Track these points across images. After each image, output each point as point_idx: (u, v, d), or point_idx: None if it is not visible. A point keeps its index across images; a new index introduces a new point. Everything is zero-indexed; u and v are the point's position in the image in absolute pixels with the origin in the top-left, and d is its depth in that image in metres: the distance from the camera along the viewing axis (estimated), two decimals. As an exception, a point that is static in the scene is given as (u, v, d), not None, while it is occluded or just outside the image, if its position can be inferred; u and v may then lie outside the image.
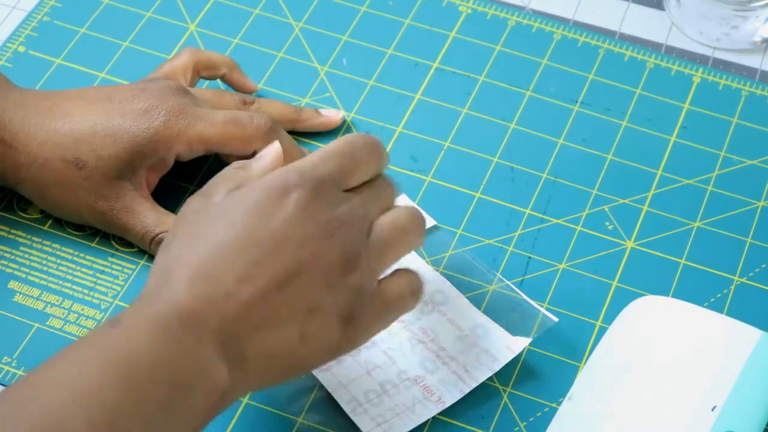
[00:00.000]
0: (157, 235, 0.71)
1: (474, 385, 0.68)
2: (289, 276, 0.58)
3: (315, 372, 0.67)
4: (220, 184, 0.62)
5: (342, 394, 0.67)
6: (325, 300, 0.59)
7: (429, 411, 0.67)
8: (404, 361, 0.68)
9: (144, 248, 0.73)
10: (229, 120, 0.72)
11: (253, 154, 0.70)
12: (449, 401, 0.67)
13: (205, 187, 0.63)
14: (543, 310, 0.70)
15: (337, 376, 0.68)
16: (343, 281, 0.60)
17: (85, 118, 0.71)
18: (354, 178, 0.63)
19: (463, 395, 0.67)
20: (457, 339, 0.69)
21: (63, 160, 0.71)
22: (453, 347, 0.69)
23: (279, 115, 0.77)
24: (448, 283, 0.72)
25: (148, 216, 0.72)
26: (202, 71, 0.78)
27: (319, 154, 0.62)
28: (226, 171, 0.64)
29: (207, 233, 0.59)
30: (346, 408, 0.67)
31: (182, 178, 0.76)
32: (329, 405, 0.67)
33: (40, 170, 0.71)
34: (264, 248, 0.58)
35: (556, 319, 0.70)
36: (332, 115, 0.79)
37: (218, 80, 0.80)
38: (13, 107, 0.72)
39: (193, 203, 0.62)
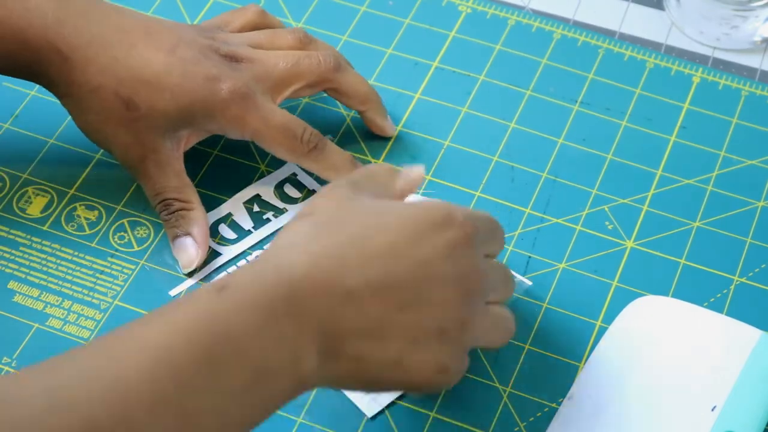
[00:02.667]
0: (166, 199, 0.72)
1: None
2: (414, 302, 0.58)
3: None
4: (367, 182, 0.62)
5: None
6: (431, 342, 0.59)
7: None
8: None
9: (151, 204, 0.73)
10: (285, 128, 0.72)
11: None
12: None
13: (353, 178, 0.62)
14: (515, 273, 0.71)
15: None
16: (452, 335, 0.60)
17: (149, 62, 0.70)
18: (491, 249, 0.63)
19: None
20: None
21: (117, 95, 0.70)
22: None
23: (363, 90, 0.77)
24: None
25: (171, 180, 0.72)
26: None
27: (471, 211, 0.62)
28: (375, 169, 0.64)
29: (352, 224, 0.58)
30: None
31: (182, 177, 0.76)
32: (329, 405, 0.67)
33: (90, 94, 0.70)
34: (404, 265, 0.58)
35: (529, 283, 0.71)
36: (389, 126, 0.79)
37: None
38: (74, 17, 0.70)
39: (343, 189, 0.61)
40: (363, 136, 0.79)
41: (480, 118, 0.81)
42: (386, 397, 0.67)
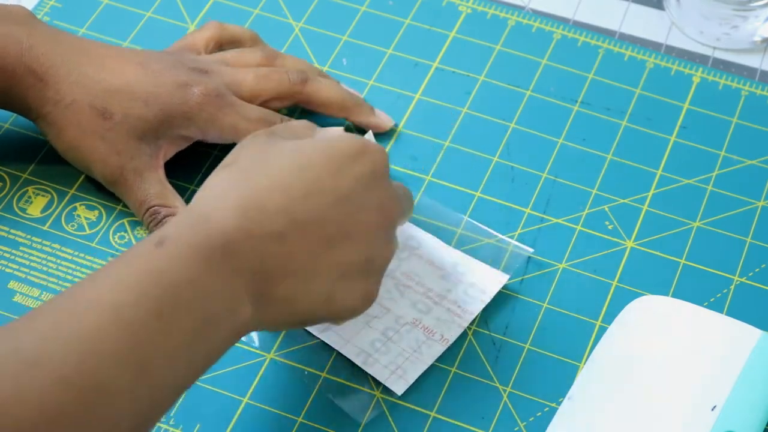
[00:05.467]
0: (153, 206, 0.72)
1: (470, 318, 0.70)
2: (340, 236, 0.59)
3: (319, 334, 0.69)
4: (284, 131, 0.63)
5: (350, 349, 0.68)
6: (359, 274, 0.61)
7: (435, 350, 0.69)
8: (397, 307, 0.70)
9: (137, 216, 0.73)
10: (263, 120, 0.73)
11: None
12: (452, 338, 0.69)
13: (272, 129, 0.63)
14: (515, 242, 0.73)
15: (340, 333, 0.69)
16: (376, 264, 0.62)
17: (119, 74, 0.72)
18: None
19: (463, 330, 0.69)
20: (441, 278, 0.71)
21: (91, 106, 0.71)
22: (439, 286, 0.71)
23: (335, 97, 0.77)
24: (418, 227, 0.73)
25: (153, 186, 0.72)
26: (226, 45, 0.79)
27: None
28: (293, 123, 0.66)
29: (273, 167, 0.59)
30: (358, 361, 0.68)
31: (182, 177, 0.76)
32: (329, 405, 0.67)
33: (65, 110, 0.71)
34: (326, 199, 0.59)
35: (531, 249, 0.73)
36: (384, 119, 0.79)
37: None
38: (45, 42, 0.72)
39: (262, 136, 0.62)
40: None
41: (480, 119, 0.81)
42: (413, 373, 0.68)
